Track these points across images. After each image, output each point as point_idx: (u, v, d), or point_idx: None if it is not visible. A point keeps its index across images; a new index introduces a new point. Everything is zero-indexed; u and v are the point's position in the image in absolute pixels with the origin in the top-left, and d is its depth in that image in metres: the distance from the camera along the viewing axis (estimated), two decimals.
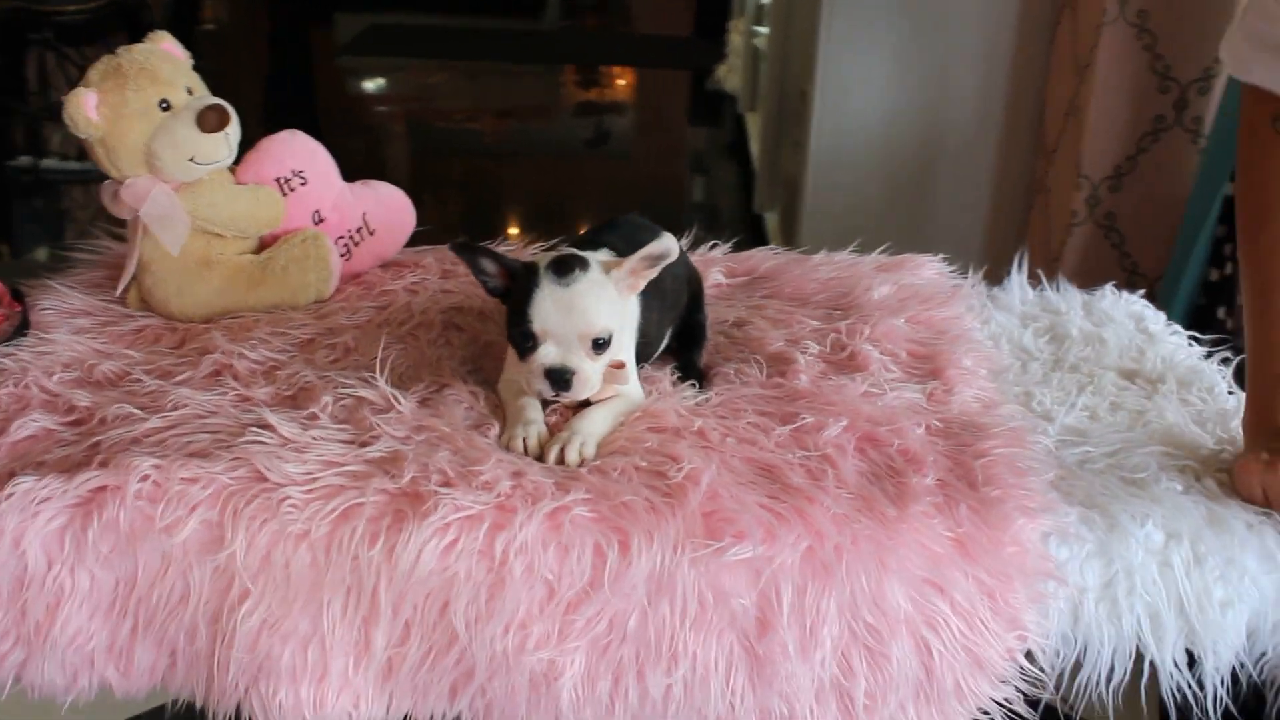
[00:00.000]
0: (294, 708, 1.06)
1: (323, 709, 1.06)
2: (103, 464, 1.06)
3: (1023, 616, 1.08)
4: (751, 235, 4.29)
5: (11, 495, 1.04)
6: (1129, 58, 2.42)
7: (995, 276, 1.61)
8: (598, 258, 1.19)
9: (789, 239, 3.67)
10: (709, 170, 5.99)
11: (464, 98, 7.02)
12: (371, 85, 6.82)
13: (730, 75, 5.94)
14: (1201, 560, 1.09)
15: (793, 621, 1.04)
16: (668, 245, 1.14)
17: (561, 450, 1.12)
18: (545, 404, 1.19)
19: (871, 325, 1.35)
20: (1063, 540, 1.09)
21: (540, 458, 1.13)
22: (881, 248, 1.56)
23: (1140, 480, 1.15)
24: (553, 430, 1.16)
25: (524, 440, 1.14)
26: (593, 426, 1.15)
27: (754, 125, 5.09)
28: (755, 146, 4.74)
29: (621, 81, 7.89)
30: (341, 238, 1.43)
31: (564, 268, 1.12)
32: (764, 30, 4.51)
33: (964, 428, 1.18)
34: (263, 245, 1.41)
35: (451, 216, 4.62)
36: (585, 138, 6.68)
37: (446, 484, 1.05)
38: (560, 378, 1.13)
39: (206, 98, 1.34)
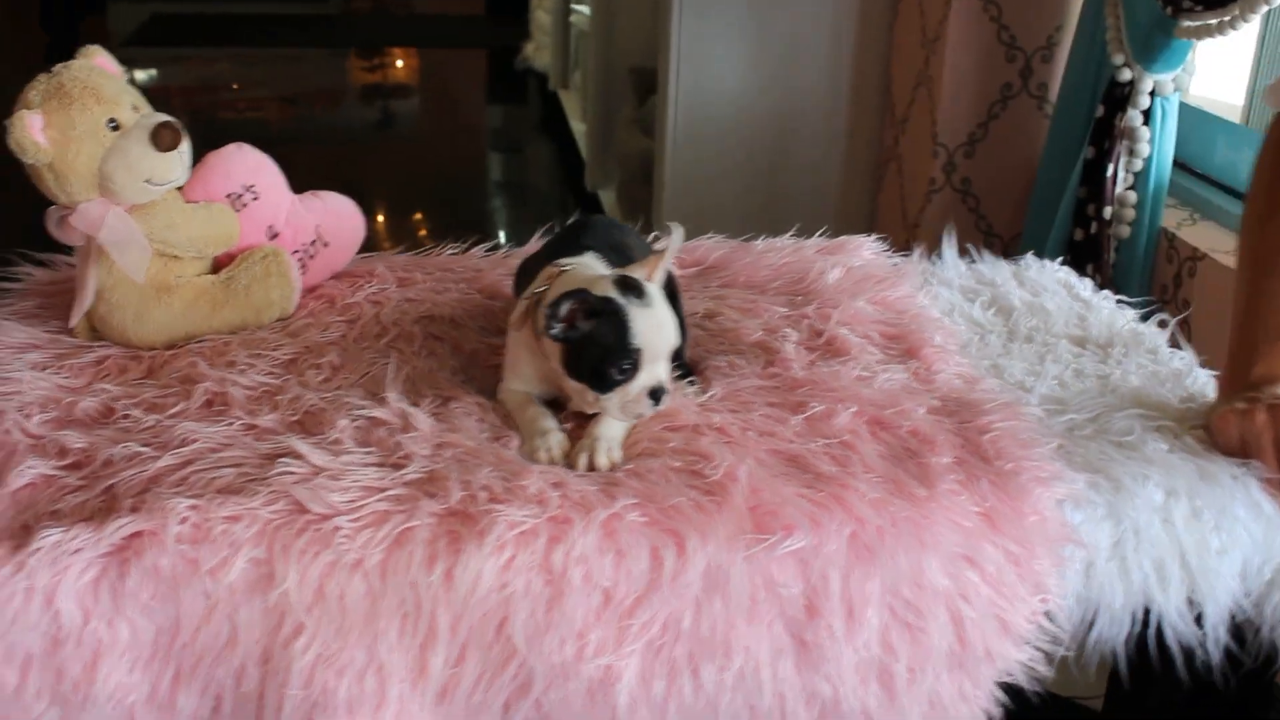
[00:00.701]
0: None
1: None
2: (134, 509, 1.01)
3: (1046, 580, 1.13)
4: (589, 212, 4.31)
5: (39, 550, 0.98)
6: (977, 29, 2.53)
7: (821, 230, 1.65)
8: (584, 261, 1.20)
9: (631, 214, 3.71)
10: (521, 149, 5.97)
11: (249, 86, 6.83)
12: (154, 76, 6.55)
13: (539, 53, 5.92)
14: (1199, 513, 1.17)
15: (839, 606, 1.07)
16: (680, 238, 1.16)
17: (590, 457, 1.12)
18: (557, 411, 1.19)
19: (838, 309, 1.38)
20: (1076, 505, 1.15)
21: (568, 466, 1.13)
22: (741, 219, 1.59)
23: (1130, 443, 1.21)
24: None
25: (547, 451, 1.13)
26: (612, 430, 1.16)
27: (570, 103, 5.10)
28: (577, 124, 4.76)
29: (411, 63, 7.79)
30: (296, 252, 1.39)
31: (639, 290, 1.12)
32: (583, 9, 4.51)
33: (960, 405, 1.23)
34: (217, 265, 1.35)
35: None
36: (374, 121, 6.59)
37: (495, 500, 1.04)
38: (660, 394, 1.13)
39: (155, 115, 1.28)
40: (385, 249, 1.54)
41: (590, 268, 1.20)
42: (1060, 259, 2.23)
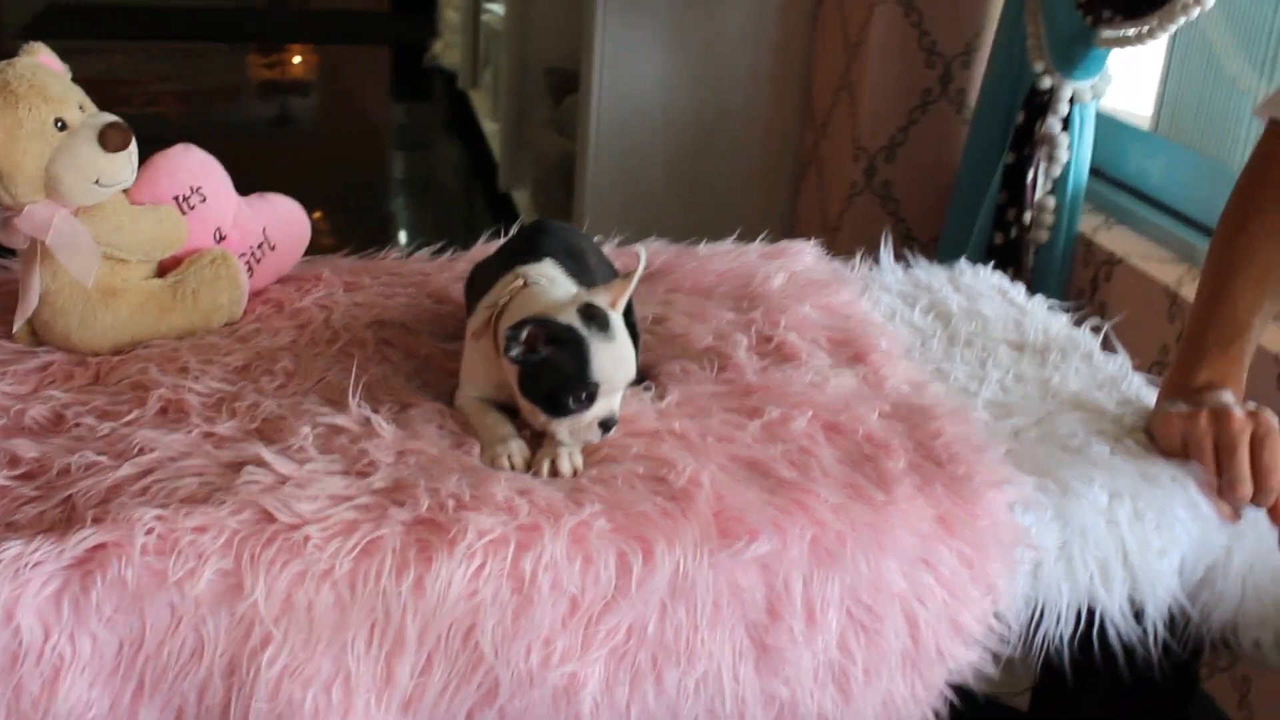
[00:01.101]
0: None
1: None
2: (96, 520, 0.99)
3: (998, 582, 1.16)
4: (499, 212, 4.30)
5: None
6: (899, 35, 2.57)
7: (776, 239, 1.67)
8: (543, 269, 1.20)
9: (547, 213, 3.70)
10: (428, 147, 5.93)
11: (147, 80, 6.71)
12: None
13: (448, 52, 5.89)
14: (1141, 515, 1.20)
15: (800, 609, 1.09)
16: (645, 262, 1.17)
17: (552, 463, 1.13)
18: (513, 417, 1.19)
19: (785, 315, 1.40)
20: (1026, 508, 1.18)
21: (528, 472, 1.13)
22: (662, 220, 1.60)
23: (1075, 446, 1.25)
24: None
25: (508, 457, 1.14)
26: None
27: (481, 102, 5.08)
28: (488, 124, 4.74)
29: (312, 59, 7.69)
30: (243, 255, 1.37)
31: (603, 321, 1.11)
32: (495, 8, 4.49)
33: (910, 410, 1.25)
34: (162, 268, 1.33)
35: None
36: (273, 117, 6.51)
37: (463, 508, 1.04)
38: (610, 424, 1.13)
39: (101, 115, 1.25)
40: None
41: (550, 276, 1.20)
42: (982, 263, 2.30)
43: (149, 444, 1.10)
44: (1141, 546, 1.20)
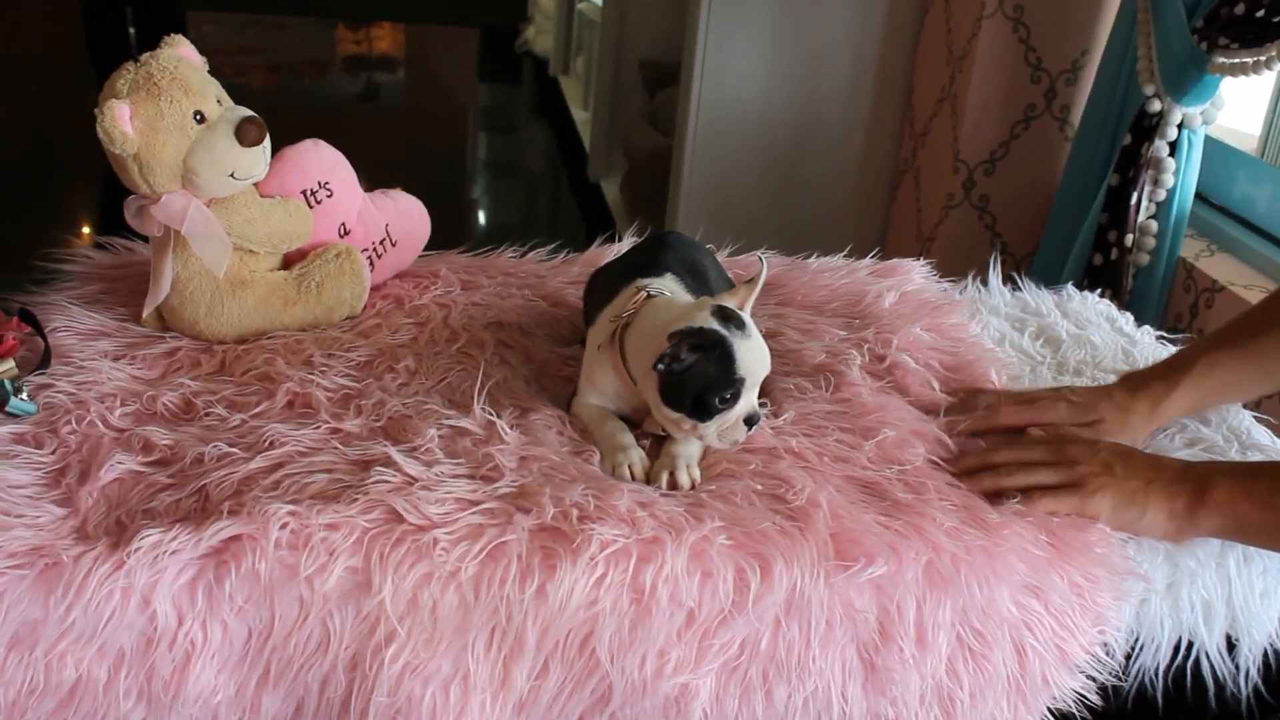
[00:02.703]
0: None
1: None
2: (232, 512, 1.01)
3: (1106, 613, 1.16)
4: (589, 201, 4.32)
5: (139, 549, 0.98)
6: (1005, 49, 2.55)
7: (867, 251, 1.67)
8: (665, 283, 1.21)
9: (636, 207, 3.72)
10: (514, 130, 5.95)
11: (235, 52, 6.78)
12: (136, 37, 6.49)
13: (540, 37, 5.91)
14: (1250, 559, 1.20)
15: (911, 631, 1.09)
16: (765, 270, 1.18)
17: (671, 475, 1.14)
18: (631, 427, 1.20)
19: (898, 335, 1.40)
20: (1138, 548, 1.18)
21: (648, 482, 1.14)
22: (756, 221, 1.59)
23: None
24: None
25: (629, 466, 1.15)
26: (690, 449, 1.17)
27: (572, 90, 5.10)
28: (579, 112, 4.76)
29: (400, 36, 7.74)
30: (366, 250, 1.39)
31: (738, 321, 1.13)
32: None
33: None
34: (287, 260, 1.36)
35: None
36: (357, 92, 6.57)
37: (587, 518, 1.05)
38: (755, 419, 1.14)
39: (238, 109, 1.28)
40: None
41: (670, 291, 1.21)
42: (1079, 283, 2.28)
43: (279, 438, 1.12)
44: (1246, 589, 1.20)
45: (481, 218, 4.67)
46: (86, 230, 3.48)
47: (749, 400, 1.14)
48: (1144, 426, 1.28)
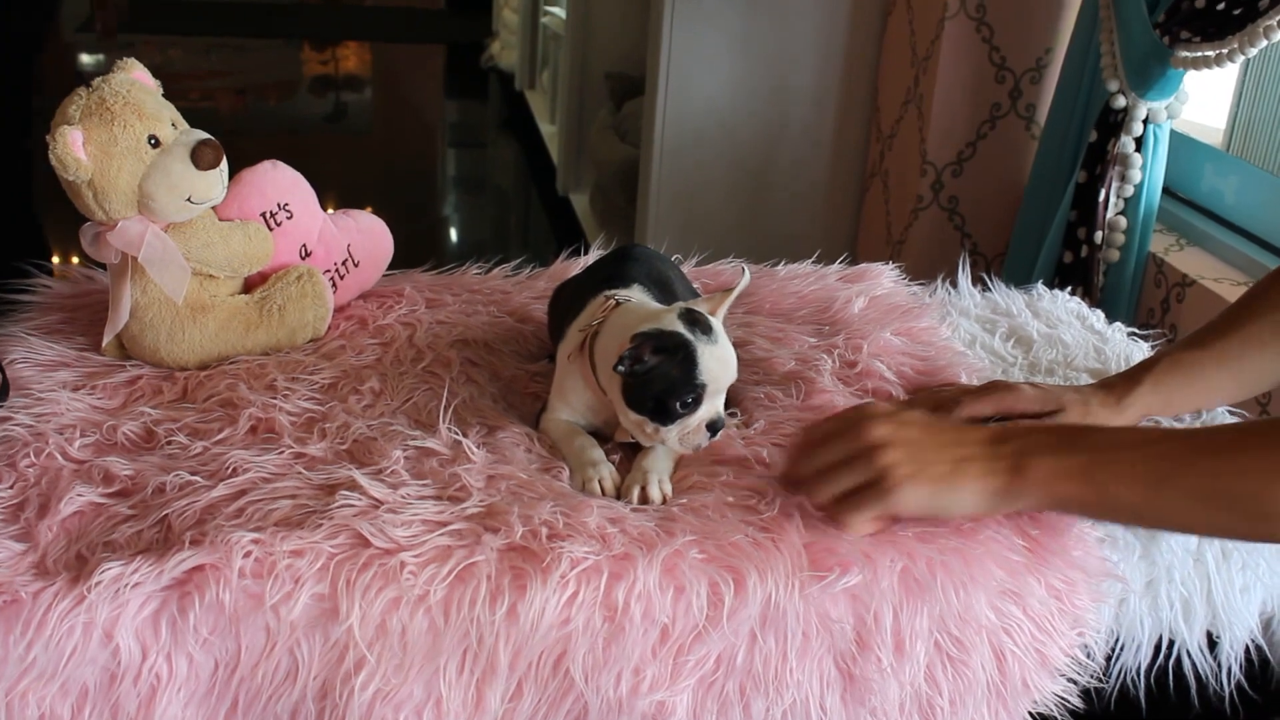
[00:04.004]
0: None
1: None
2: (194, 542, 1.00)
3: (1085, 615, 1.15)
4: (556, 215, 4.31)
5: (99, 583, 0.96)
6: (969, 49, 2.56)
7: (838, 255, 1.66)
8: (631, 294, 1.20)
9: (606, 219, 3.71)
10: (483, 145, 5.94)
11: (201, 75, 6.76)
12: (101, 62, 6.46)
13: (505, 52, 5.90)
14: (1229, 554, 1.20)
15: (889, 640, 1.08)
16: (748, 279, 1.17)
17: (642, 489, 1.13)
18: (602, 442, 1.19)
19: (868, 341, 1.39)
20: (1113, 546, 1.17)
21: (618, 497, 1.13)
22: (725, 229, 1.57)
23: None
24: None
25: (599, 481, 1.14)
26: (660, 463, 1.16)
27: (538, 103, 5.09)
28: (546, 126, 4.75)
29: (366, 55, 7.73)
30: (328, 271, 1.38)
31: (705, 326, 1.12)
32: (556, 11, 4.50)
33: None
34: (248, 284, 1.34)
35: None
36: (325, 113, 6.55)
37: (556, 536, 1.04)
38: (718, 426, 1.13)
39: (194, 132, 1.26)
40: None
41: (638, 301, 1.20)
42: (1050, 281, 2.28)
43: (242, 464, 1.10)
44: (1225, 585, 1.19)
45: (453, 235, 4.65)
46: (56, 259, 3.46)
47: (713, 406, 1.13)
48: (1110, 418, 1.26)
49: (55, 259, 3.38)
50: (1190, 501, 1.03)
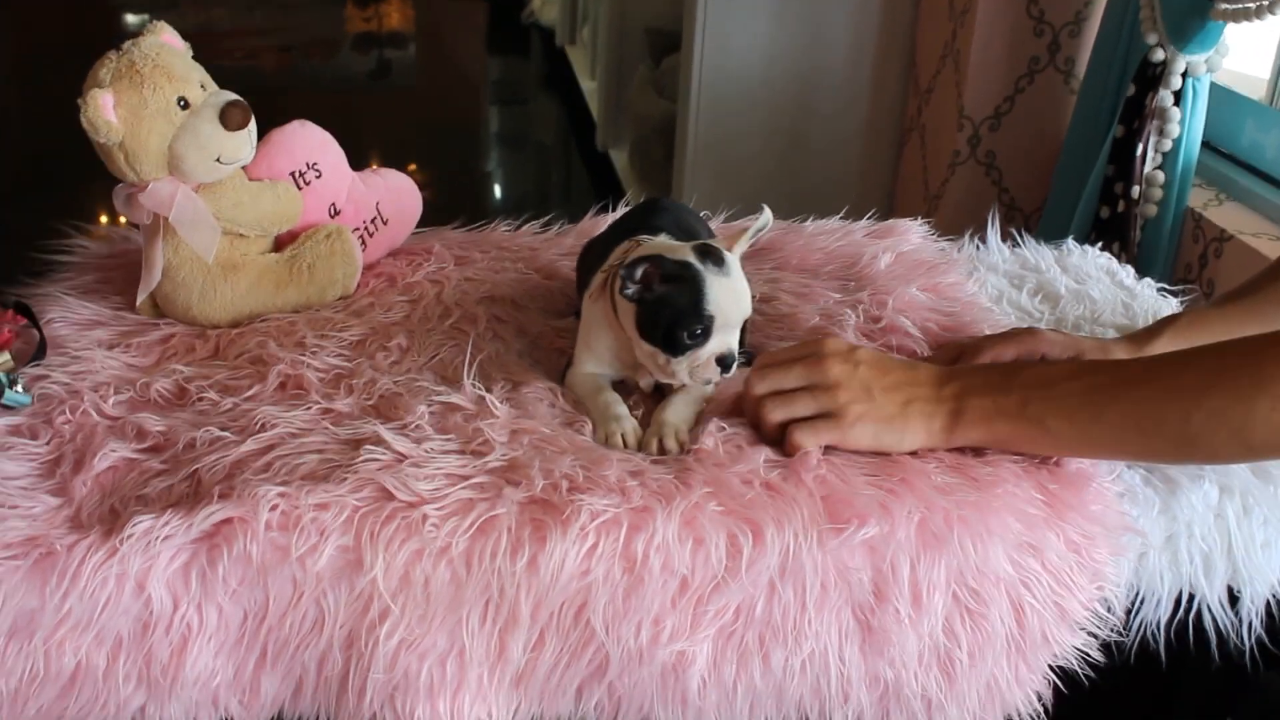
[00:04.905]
0: None
1: (459, 719, 1.06)
2: (222, 496, 1.02)
3: (1104, 569, 1.15)
4: (597, 171, 4.31)
5: (131, 535, 0.99)
6: (1007, 3, 2.53)
7: (870, 212, 1.65)
8: (661, 242, 1.21)
9: (646, 176, 3.71)
10: (525, 102, 5.94)
11: (245, 34, 6.79)
12: (146, 21, 6.50)
13: (546, 8, 5.89)
14: (1250, 510, 1.19)
15: (906, 592, 1.09)
16: (768, 218, 1.17)
17: (659, 441, 1.14)
18: (627, 396, 1.21)
19: (893, 296, 1.40)
20: (1133, 501, 1.17)
21: (639, 450, 1.15)
22: (762, 185, 1.58)
23: None
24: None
25: (621, 436, 1.15)
26: (681, 414, 1.17)
27: (579, 59, 5.08)
28: (586, 82, 4.74)
29: (408, 11, 7.72)
30: (357, 230, 1.40)
31: (718, 257, 1.13)
32: None
33: None
34: (278, 243, 1.36)
35: None
36: (368, 70, 6.56)
37: (576, 489, 1.05)
38: (729, 362, 1.14)
39: (223, 94, 1.28)
40: None
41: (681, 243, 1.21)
42: (1087, 237, 2.27)
43: (270, 420, 1.13)
44: (1246, 540, 1.19)
45: (495, 191, 4.67)
46: (104, 220, 3.50)
47: (724, 340, 1.14)
48: None
49: (103, 220, 3.43)
50: (1121, 429, 1.08)
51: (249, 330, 1.30)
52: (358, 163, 1.43)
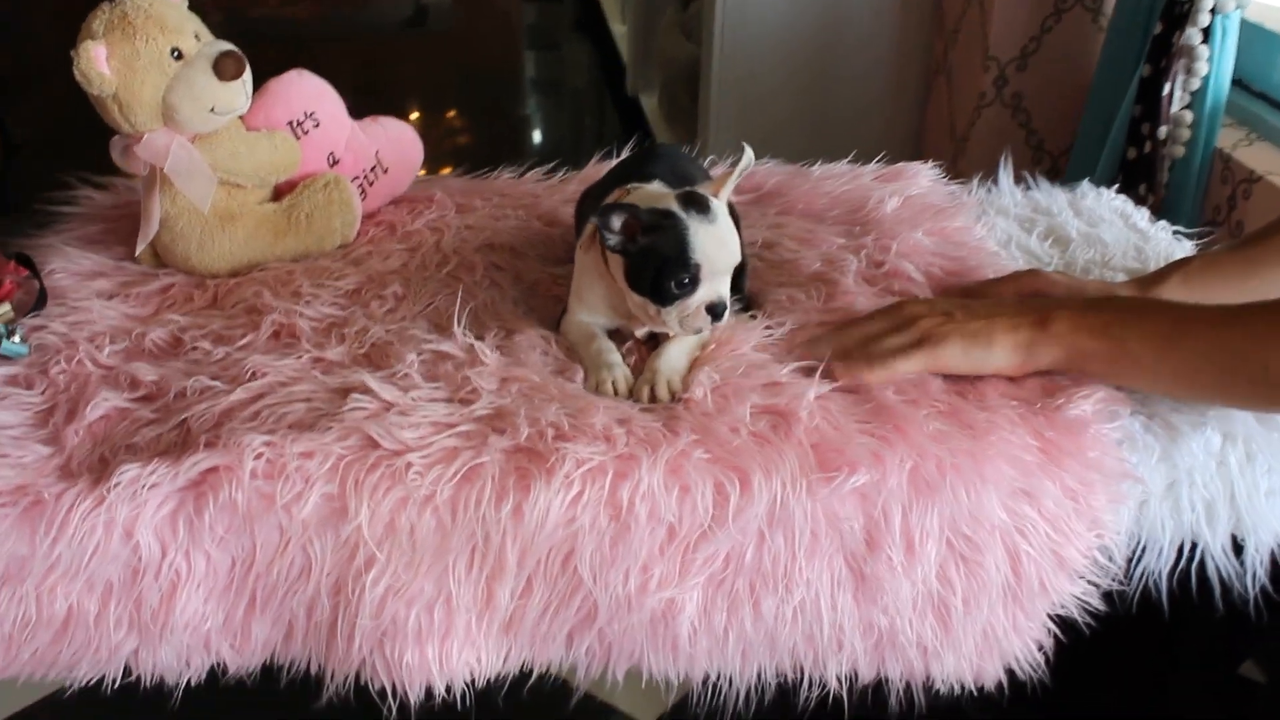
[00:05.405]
0: (420, 666, 1.06)
1: (448, 665, 1.07)
2: (209, 444, 1.03)
3: (1103, 517, 1.14)
4: (628, 116, 4.28)
5: (118, 484, 1.00)
6: None
7: (901, 154, 1.63)
8: (659, 188, 1.19)
9: (674, 120, 3.68)
10: (557, 47, 5.90)
11: None
12: None
13: None
14: (1253, 457, 1.17)
15: (899, 540, 1.08)
16: (750, 158, 1.16)
17: (650, 389, 1.14)
18: (622, 344, 1.20)
19: (897, 241, 1.38)
20: (1132, 448, 1.15)
21: (630, 398, 1.14)
22: (788, 128, 1.55)
23: None
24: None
25: (613, 383, 1.15)
26: (674, 363, 1.16)
27: (609, 3, 5.04)
28: (617, 25, 4.70)
29: None
30: (356, 178, 1.39)
31: (703, 204, 1.12)
32: None
33: None
34: (277, 192, 1.36)
35: None
36: (404, 17, 6.52)
37: (562, 437, 1.05)
38: (720, 310, 1.13)
39: (216, 43, 1.27)
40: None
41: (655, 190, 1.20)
42: (1114, 178, 2.23)
43: (261, 369, 1.13)
44: (1250, 488, 1.17)
45: (531, 137, 4.65)
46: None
47: (713, 288, 1.13)
48: None
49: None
50: (1199, 361, 1.10)
51: (248, 279, 1.31)
52: (396, 110, 1.43)
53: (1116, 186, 1.66)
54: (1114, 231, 1.50)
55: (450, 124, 4.64)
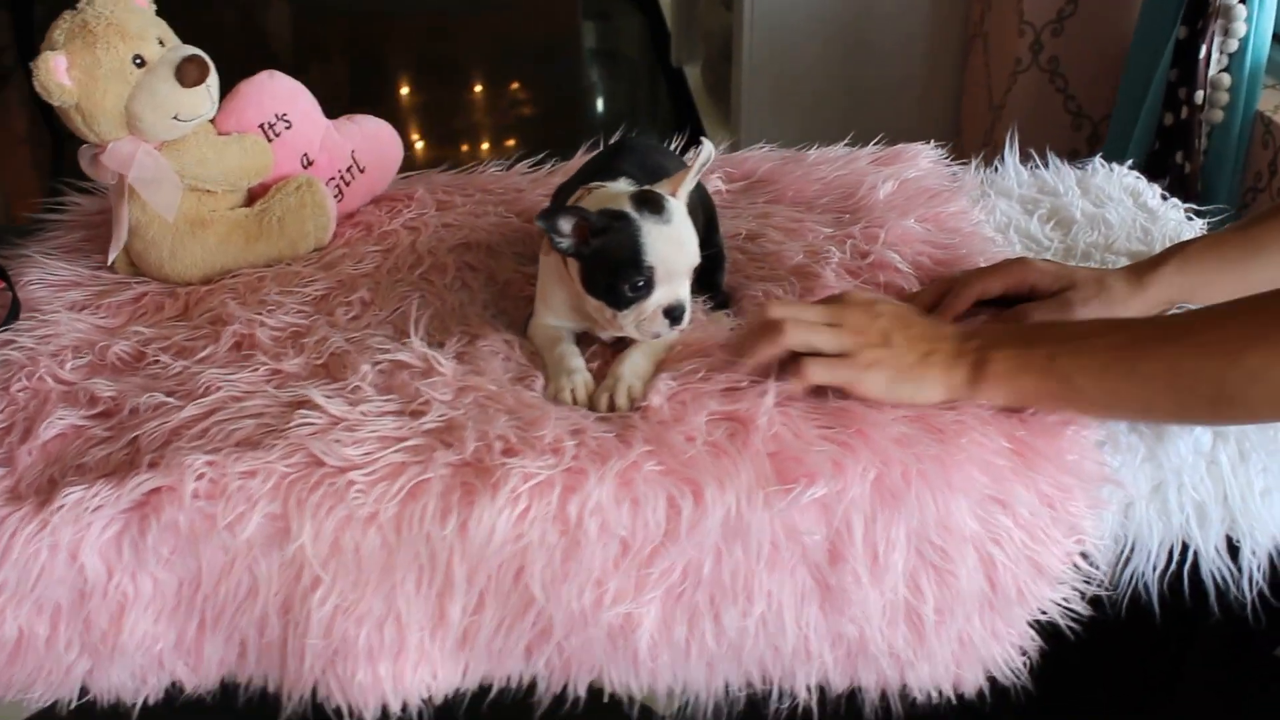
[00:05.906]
0: (373, 685, 1.05)
1: (401, 683, 1.06)
2: (152, 464, 1.02)
3: (1082, 523, 1.09)
4: (675, 88, 4.24)
5: (62, 507, 1.00)
6: None
7: (940, 126, 1.57)
8: (620, 187, 1.16)
9: (715, 92, 3.63)
10: (610, 18, 5.86)
11: None
12: None
13: None
14: (1246, 456, 1.12)
15: (864, 551, 1.04)
16: (709, 153, 1.12)
17: (610, 397, 1.11)
18: (583, 349, 1.17)
19: (886, 229, 1.33)
20: (1115, 450, 1.11)
21: (590, 407, 1.11)
22: (823, 98, 1.50)
23: None
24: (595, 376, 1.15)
25: (572, 391, 1.12)
26: (637, 368, 1.13)
27: None
28: None
29: None
30: (332, 179, 1.38)
31: (656, 205, 1.09)
32: None
33: None
34: (252, 196, 1.35)
35: (338, 83, 4.48)
36: None
37: (509, 452, 1.03)
38: (678, 314, 1.10)
39: (180, 48, 1.26)
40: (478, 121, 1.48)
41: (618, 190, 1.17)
42: (1151, 146, 2.15)
43: (215, 383, 1.12)
44: (1244, 488, 1.12)
45: (599, 105, 4.61)
46: None
47: (670, 291, 1.10)
48: (1128, 297, 1.19)
49: None
50: (1153, 386, 1.03)
51: (218, 287, 1.30)
52: (461, 86, 1.40)
53: (1149, 156, 1.59)
54: (1121, 211, 1.44)
55: (514, 95, 4.63)
